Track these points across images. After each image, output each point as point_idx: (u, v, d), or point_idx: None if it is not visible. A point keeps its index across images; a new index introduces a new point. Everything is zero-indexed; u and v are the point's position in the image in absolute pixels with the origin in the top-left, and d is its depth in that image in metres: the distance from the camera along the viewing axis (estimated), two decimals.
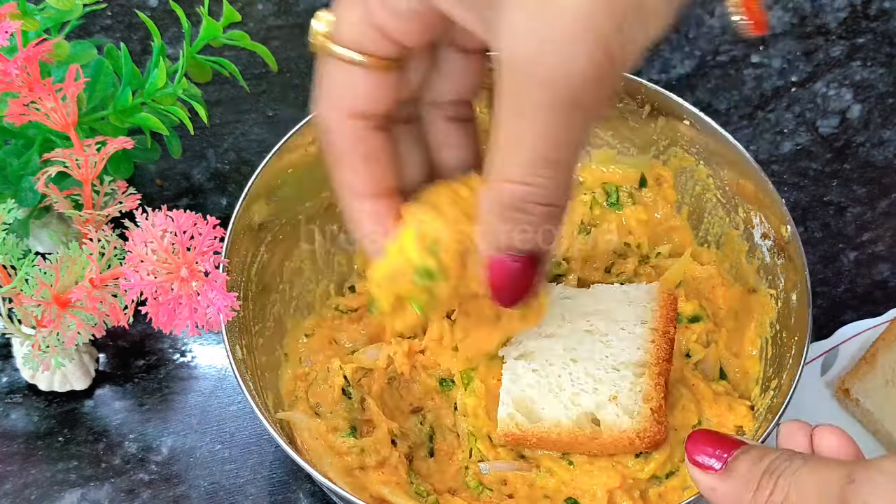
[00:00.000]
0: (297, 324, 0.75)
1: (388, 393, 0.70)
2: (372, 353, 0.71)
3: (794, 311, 0.67)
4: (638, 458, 0.65)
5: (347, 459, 0.67)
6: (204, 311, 0.57)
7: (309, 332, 0.75)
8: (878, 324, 0.79)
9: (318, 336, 0.74)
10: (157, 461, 0.76)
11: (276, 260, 0.74)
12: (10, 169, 0.73)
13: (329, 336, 0.75)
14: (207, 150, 0.92)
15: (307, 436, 0.67)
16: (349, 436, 0.67)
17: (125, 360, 0.81)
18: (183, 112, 0.72)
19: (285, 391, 0.71)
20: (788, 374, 0.64)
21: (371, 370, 0.70)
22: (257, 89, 0.95)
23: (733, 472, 0.47)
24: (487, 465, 0.66)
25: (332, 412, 0.69)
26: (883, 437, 0.74)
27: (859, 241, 0.87)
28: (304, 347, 0.74)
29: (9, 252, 0.63)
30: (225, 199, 0.89)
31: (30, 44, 0.64)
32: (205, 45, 0.73)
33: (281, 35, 0.99)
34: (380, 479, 0.66)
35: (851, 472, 0.43)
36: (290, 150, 0.72)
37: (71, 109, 0.64)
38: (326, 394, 0.69)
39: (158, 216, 0.57)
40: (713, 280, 0.74)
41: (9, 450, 0.77)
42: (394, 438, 0.68)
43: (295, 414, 0.69)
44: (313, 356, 0.73)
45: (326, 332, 0.75)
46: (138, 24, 0.93)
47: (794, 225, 0.68)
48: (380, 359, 0.70)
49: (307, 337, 0.74)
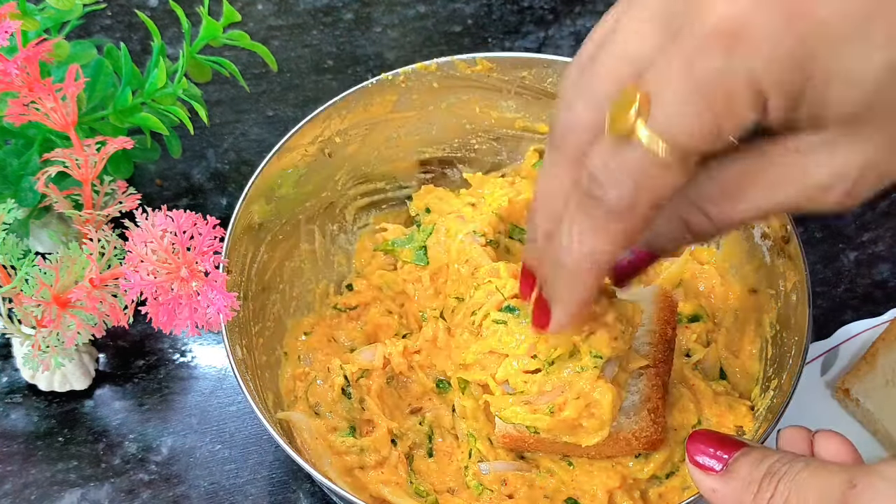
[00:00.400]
0: (297, 323, 0.75)
1: (388, 393, 0.70)
2: (367, 354, 0.71)
3: (794, 311, 0.67)
4: (638, 458, 0.65)
5: (347, 459, 0.67)
6: (204, 311, 0.57)
7: (308, 331, 0.75)
8: (878, 324, 0.78)
9: (317, 334, 0.74)
10: (156, 461, 0.76)
11: (276, 260, 0.74)
12: (10, 169, 0.73)
13: (328, 334, 0.75)
14: (207, 150, 0.92)
15: (307, 436, 0.67)
16: (349, 435, 0.67)
17: (125, 360, 0.81)
18: (183, 112, 0.72)
19: (284, 390, 0.71)
20: (788, 375, 0.64)
21: (369, 370, 0.70)
22: (257, 89, 0.95)
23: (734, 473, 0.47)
24: (487, 466, 0.66)
25: (331, 412, 0.69)
26: (883, 437, 0.74)
27: (859, 241, 0.87)
28: (303, 346, 0.74)
29: (9, 252, 0.63)
30: (225, 199, 0.89)
31: (30, 44, 0.64)
32: (205, 45, 0.73)
33: (281, 35, 0.99)
34: (379, 478, 0.66)
35: (853, 477, 0.43)
36: (290, 150, 0.72)
37: (71, 109, 0.64)
38: (326, 393, 0.69)
39: (158, 216, 0.57)
40: (713, 280, 0.74)
41: (9, 450, 0.77)
42: (394, 438, 0.68)
43: (294, 414, 0.69)
44: (312, 354, 0.73)
45: (325, 330, 0.75)
46: (138, 24, 0.93)
47: (794, 225, 0.68)
48: (376, 359, 0.70)
49: (306, 335, 0.74)
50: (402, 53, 0.98)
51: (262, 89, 0.96)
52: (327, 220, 0.78)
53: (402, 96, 0.75)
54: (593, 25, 0.46)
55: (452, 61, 0.75)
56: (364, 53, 0.98)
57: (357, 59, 0.98)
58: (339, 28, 0.99)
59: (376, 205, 0.80)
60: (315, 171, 0.75)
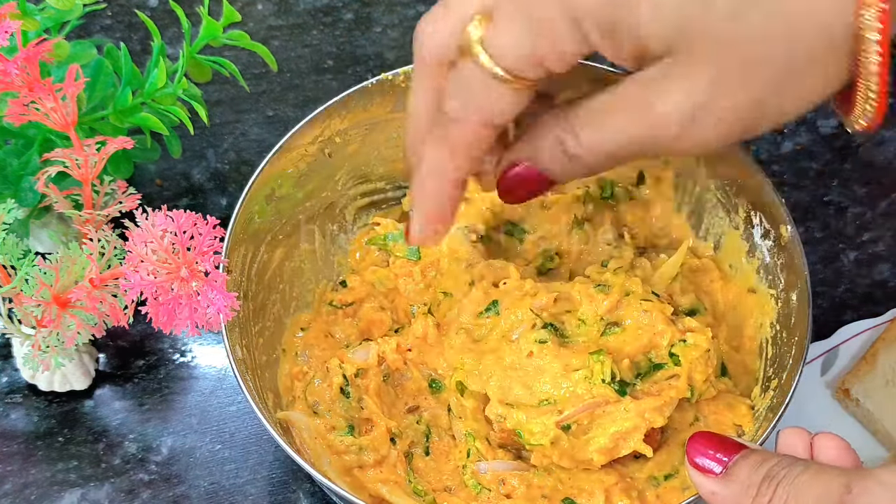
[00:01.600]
0: (295, 320, 0.75)
1: (385, 391, 0.70)
2: (361, 353, 0.71)
3: (794, 311, 0.67)
4: (637, 458, 0.65)
5: (346, 458, 0.67)
6: (204, 311, 0.56)
7: (304, 327, 0.75)
8: (878, 324, 0.78)
9: (314, 330, 0.75)
10: (156, 461, 0.76)
11: (277, 260, 0.74)
12: (10, 169, 0.73)
13: (324, 330, 0.75)
14: (207, 150, 0.92)
15: (306, 435, 0.67)
16: (347, 434, 0.67)
17: (125, 360, 0.81)
18: (183, 112, 0.72)
19: (283, 389, 0.71)
20: (788, 375, 0.64)
21: (365, 369, 0.70)
22: (257, 89, 0.95)
23: (733, 476, 0.47)
24: (486, 465, 0.66)
25: (330, 411, 0.69)
26: (883, 437, 0.74)
27: (859, 241, 0.87)
28: (301, 342, 0.74)
29: (9, 252, 0.63)
30: (225, 199, 0.89)
31: (30, 44, 0.63)
32: (205, 45, 0.73)
33: (281, 35, 0.99)
34: (378, 477, 0.66)
35: (850, 481, 0.43)
36: (290, 149, 0.72)
37: (71, 109, 0.64)
38: (324, 392, 0.69)
39: (158, 216, 0.57)
40: (712, 273, 0.74)
41: (9, 450, 0.77)
42: (392, 437, 0.68)
43: (294, 413, 0.69)
44: (309, 350, 0.73)
45: (322, 326, 0.75)
46: (138, 24, 0.93)
47: (794, 225, 0.68)
48: (370, 357, 0.70)
49: (303, 331, 0.74)
50: (402, 53, 0.98)
51: (262, 89, 0.96)
52: (327, 220, 0.78)
53: (401, 96, 0.75)
54: None
55: None
56: (364, 53, 0.98)
57: (357, 59, 0.98)
58: (339, 28, 0.99)
59: (376, 205, 0.80)
60: (315, 171, 0.75)
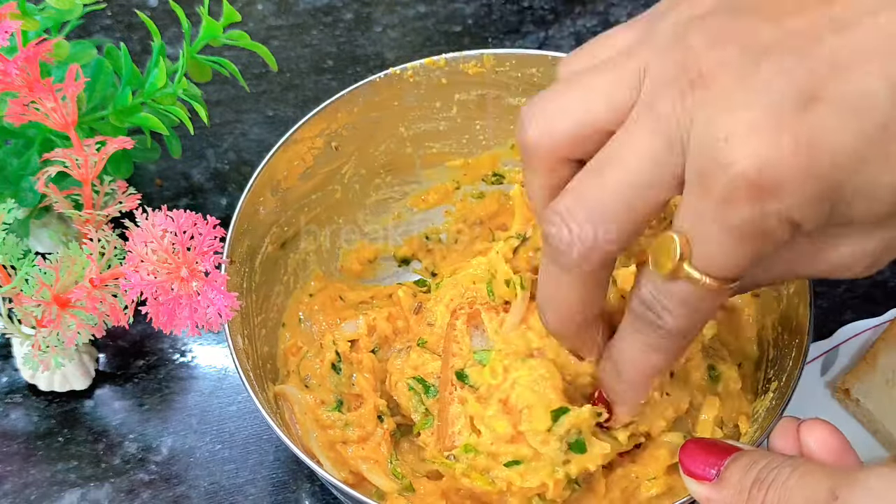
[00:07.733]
0: (305, 285, 0.76)
1: (379, 369, 0.70)
2: (350, 325, 0.71)
3: (794, 311, 0.67)
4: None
5: (331, 433, 0.67)
6: (204, 311, 0.57)
7: (313, 293, 0.76)
8: (878, 324, 0.78)
9: (323, 295, 0.75)
10: (156, 461, 0.76)
11: (281, 252, 0.75)
12: (10, 169, 0.73)
13: (334, 295, 0.76)
14: (207, 150, 0.92)
15: (297, 409, 0.68)
16: (335, 410, 0.67)
17: (125, 360, 0.81)
18: (183, 112, 0.72)
19: (280, 363, 0.72)
20: (788, 375, 0.64)
21: (356, 340, 0.70)
22: (257, 89, 0.95)
23: (726, 481, 0.48)
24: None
25: (321, 385, 0.69)
26: (883, 437, 0.74)
27: None
28: (306, 308, 0.75)
29: (9, 252, 0.63)
30: (225, 199, 0.89)
31: (30, 44, 0.63)
32: (205, 45, 0.73)
33: (281, 35, 0.99)
34: (360, 454, 0.66)
35: (836, 486, 0.43)
36: (297, 142, 0.72)
37: (71, 109, 0.64)
38: (316, 367, 0.70)
39: (158, 216, 0.57)
40: None
41: (9, 450, 0.77)
42: (380, 415, 0.68)
43: (288, 387, 0.69)
44: (313, 317, 0.74)
45: (332, 292, 0.76)
46: (138, 24, 0.93)
47: None
48: (360, 328, 0.70)
49: (311, 297, 0.75)
50: (402, 53, 0.98)
51: (262, 89, 0.96)
52: (333, 213, 0.78)
53: (409, 91, 0.75)
54: (593, 26, 0.46)
55: (461, 57, 0.75)
56: (364, 53, 0.98)
57: (357, 59, 0.98)
58: (339, 28, 0.99)
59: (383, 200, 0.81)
60: (321, 164, 0.75)
